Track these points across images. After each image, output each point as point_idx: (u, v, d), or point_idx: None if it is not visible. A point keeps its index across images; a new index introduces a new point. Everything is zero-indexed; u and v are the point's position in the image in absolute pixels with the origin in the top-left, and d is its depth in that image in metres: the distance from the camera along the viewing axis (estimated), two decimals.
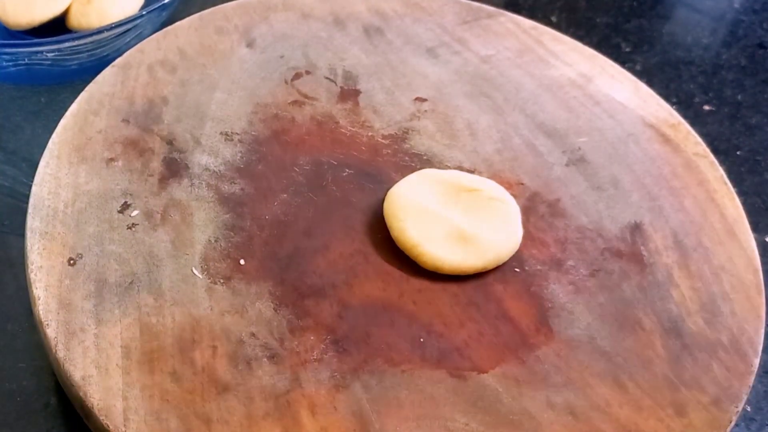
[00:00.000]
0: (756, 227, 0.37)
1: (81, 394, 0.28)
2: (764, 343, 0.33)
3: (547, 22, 0.48)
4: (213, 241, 0.34)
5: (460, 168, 0.38)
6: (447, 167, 0.38)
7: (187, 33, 0.43)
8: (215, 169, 0.37)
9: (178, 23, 0.43)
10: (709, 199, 0.38)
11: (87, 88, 0.39)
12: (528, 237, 0.35)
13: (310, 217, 0.35)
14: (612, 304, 0.33)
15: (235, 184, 0.36)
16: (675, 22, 0.59)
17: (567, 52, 0.45)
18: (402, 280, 0.33)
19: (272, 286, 0.32)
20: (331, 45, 0.44)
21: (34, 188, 0.34)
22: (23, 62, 0.44)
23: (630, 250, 0.35)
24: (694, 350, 0.32)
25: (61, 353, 0.29)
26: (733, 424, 0.30)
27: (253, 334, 0.31)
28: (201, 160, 0.37)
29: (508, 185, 0.38)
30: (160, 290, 0.32)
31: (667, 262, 0.35)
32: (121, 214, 0.34)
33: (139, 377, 0.29)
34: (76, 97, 0.38)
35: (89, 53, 0.45)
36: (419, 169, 0.38)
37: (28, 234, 0.32)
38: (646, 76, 0.49)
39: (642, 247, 0.35)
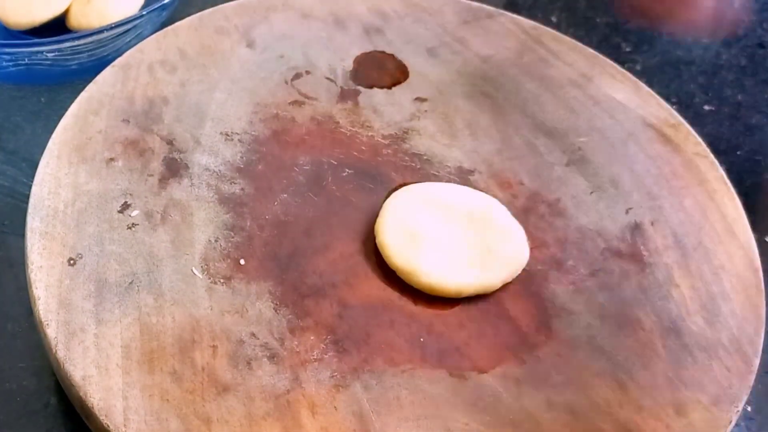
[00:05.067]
0: (756, 227, 0.37)
1: (81, 394, 0.28)
2: (764, 343, 0.33)
3: (547, 22, 0.48)
4: (213, 241, 0.34)
5: (460, 168, 0.38)
6: (447, 167, 0.38)
7: (187, 33, 0.43)
8: (215, 169, 0.37)
9: (178, 23, 0.43)
10: (709, 199, 0.38)
11: (87, 88, 0.39)
12: (528, 237, 0.35)
13: (310, 217, 0.35)
14: (612, 304, 0.33)
15: (235, 184, 0.36)
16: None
17: (567, 52, 0.45)
18: (402, 280, 0.33)
19: (272, 286, 0.32)
20: (331, 45, 0.44)
21: (34, 188, 0.34)
22: (23, 62, 0.44)
23: (630, 250, 0.35)
24: (694, 350, 0.32)
25: (61, 353, 0.29)
26: (733, 424, 0.30)
27: (253, 334, 0.31)
28: (201, 160, 0.37)
29: (508, 185, 0.38)
30: (160, 290, 0.32)
31: (667, 262, 0.35)
32: (121, 214, 0.34)
33: (139, 377, 0.29)
34: (76, 97, 0.38)
35: (89, 53, 0.44)
36: (419, 168, 0.38)
37: (28, 234, 0.32)
38: (646, 76, 0.49)
39: (642, 247, 0.35)
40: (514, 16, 0.47)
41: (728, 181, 0.38)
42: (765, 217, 0.43)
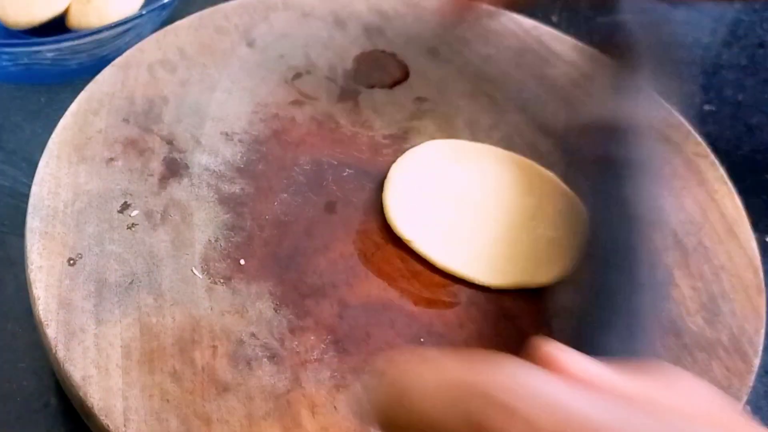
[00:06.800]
0: (756, 227, 0.37)
1: (81, 394, 0.28)
2: (764, 343, 0.33)
3: (547, 22, 0.48)
4: (213, 241, 0.34)
5: None
6: None
7: (187, 33, 0.43)
8: (215, 169, 0.37)
9: (178, 23, 0.43)
10: (709, 199, 0.38)
11: (87, 88, 0.39)
12: None
13: (310, 217, 0.35)
14: None
15: (235, 184, 0.36)
16: (675, 22, 0.58)
17: (567, 52, 0.45)
18: (402, 280, 0.33)
19: (272, 286, 0.32)
20: (331, 44, 0.44)
21: (34, 188, 0.34)
22: (23, 62, 0.44)
23: None
24: (694, 350, 0.32)
25: (61, 353, 0.29)
26: None
27: (253, 334, 0.31)
28: (201, 159, 0.37)
29: None
30: (160, 290, 0.31)
31: (667, 262, 0.35)
32: (121, 214, 0.34)
33: (139, 377, 0.29)
34: (76, 97, 0.38)
35: (89, 53, 0.44)
36: None
37: (28, 234, 0.32)
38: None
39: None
40: (515, 15, 0.47)
41: (728, 181, 0.38)
42: (765, 217, 0.43)
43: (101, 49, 0.45)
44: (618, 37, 0.39)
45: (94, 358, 0.29)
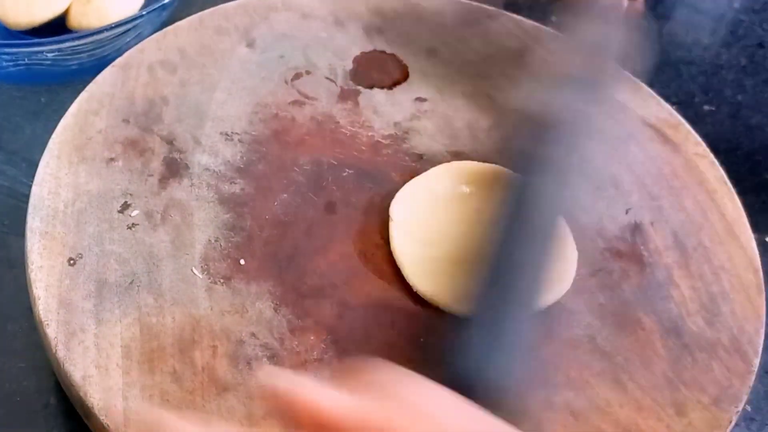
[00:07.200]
0: (756, 227, 0.37)
1: (81, 394, 0.28)
2: (764, 343, 0.33)
3: (547, 22, 0.48)
4: (213, 241, 0.34)
5: None
6: None
7: (187, 33, 0.43)
8: (215, 169, 0.37)
9: (178, 23, 0.43)
10: (709, 199, 0.38)
11: (87, 88, 0.39)
12: None
13: (310, 217, 0.35)
14: (612, 304, 0.33)
15: (235, 184, 0.36)
16: (675, 22, 0.58)
17: (567, 52, 0.45)
18: (402, 279, 0.33)
19: (272, 286, 0.32)
20: (331, 45, 0.44)
21: (34, 188, 0.34)
22: (23, 62, 0.44)
23: (630, 250, 0.35)
24: (694, 350, 0.32)
25: (61, 353, 0.29)
26: (733, 424, 0.30)
27: (253, 334, 0.31)
28: (201, 160, 0.37)
29: None
30: (160, 290, 0.32)
31: (667, 262, 0.35)
32: (121, 214, 0.34)
33: (139, 377, 0.29)
34: (76, 97, 0.38)
35: (89, 53, 0.44)
36: (419, 168, 0.38)
37: (28, 234, 0.32)
38: (646, 76, 0.49)
39: (642, 247, 0.35)
40: (514, 16, 0.47)
41: (728, 181, 0.38)
42: (765, 217, 0.43)
43: (101, 50, 0.45)
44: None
45: (94, 358, 0.29)
